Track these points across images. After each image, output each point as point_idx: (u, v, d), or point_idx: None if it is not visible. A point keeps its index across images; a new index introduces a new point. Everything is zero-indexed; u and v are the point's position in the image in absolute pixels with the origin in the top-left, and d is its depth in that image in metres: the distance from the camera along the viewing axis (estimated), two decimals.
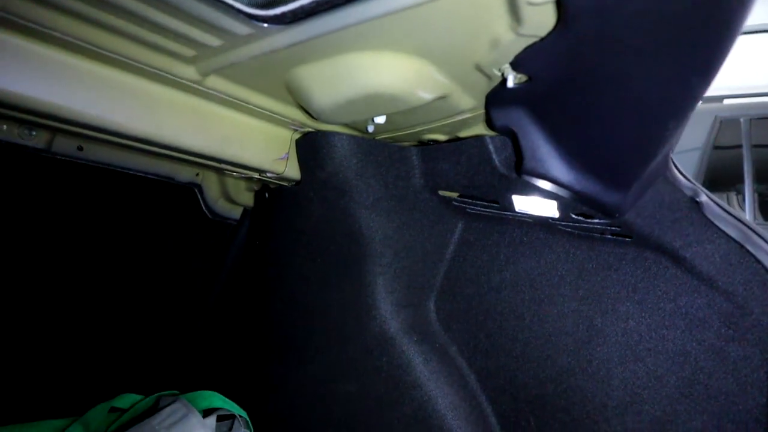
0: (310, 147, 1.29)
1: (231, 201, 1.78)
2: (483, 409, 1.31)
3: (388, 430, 1.34)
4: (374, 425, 1.36)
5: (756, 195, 4.85)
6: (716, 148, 4.27)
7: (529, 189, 1.10)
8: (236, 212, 1.84)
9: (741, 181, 4.13)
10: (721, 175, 4.29)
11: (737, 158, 4.15)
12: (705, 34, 0.64)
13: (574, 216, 1.11)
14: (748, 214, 4.05)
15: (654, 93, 0.77)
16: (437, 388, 1.28)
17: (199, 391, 1.49)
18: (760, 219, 4.70)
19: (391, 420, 1.33)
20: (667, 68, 0.72)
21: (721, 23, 0.62)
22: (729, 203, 4.60)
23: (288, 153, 1.32)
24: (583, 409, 1.17)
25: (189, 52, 0.94)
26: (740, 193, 4.27)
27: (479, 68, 0.90)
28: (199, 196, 1.75)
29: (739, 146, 4.17)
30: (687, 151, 4.34)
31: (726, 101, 4.80)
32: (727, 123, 4.31)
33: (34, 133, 1.33)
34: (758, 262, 1.01)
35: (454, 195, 1.31)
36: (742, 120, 4.24)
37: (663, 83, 0.75)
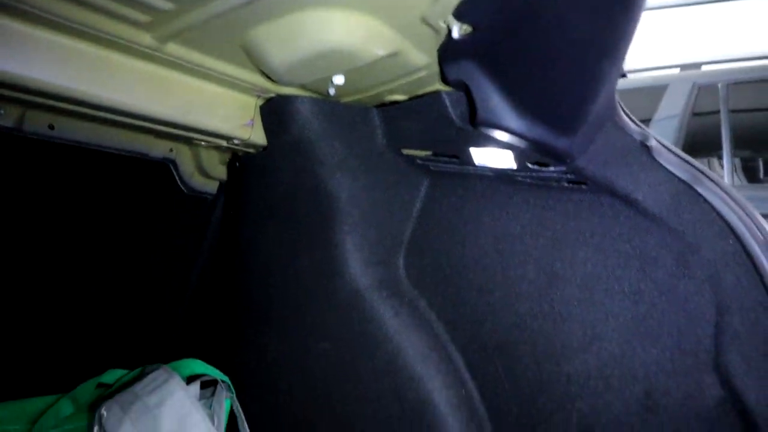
0: (274, 112, 1.32)
1: (206, 175, 1.81)
2: (453, 359, 1.36)
3: (360, 384, 1.38)
4: (348, 379, 1.40)
5: (739, 160, 4.90)
6: (695, 114, 4.30)
7: (485, 141, 1.13)
8: (212, 186, 1.86)
9: (721, 146, 4.15)
10: (700, 142, 4.32)
11: (716, 124, 4.18)
12: None
13: (530, 165, 1.15)
14: (726, 178, 4.09)
15: (585, 33, 0.81)
16: (407, 340, 1.32)
17: (181, 360, 1.53)
18: (744, 181, 4.75)
19: (364, 373, 1.37)
20: (594, 8, 0.76)
21: None
22: (710, 168, 4.66)
23: (253, 119, 1.34)
24: (546, 350, 1.21)
25: (144, 18, 0.96)
26: (721, 158, 4.30)
27: (425, 21, 0.93)
28: (174, 171, 1.77)
29: (718, 112, 4.20)
30: (666, 118, 4.37)
31: (704, 67, 4.83)
32: (705, 89, 4.33)
33: (2, 111, 1.34)
34: (706, 201, 1.05)
35: (418, 153, 1.34)
36: (719, 85, 4.25)
37: (592, 23, 0.78)
